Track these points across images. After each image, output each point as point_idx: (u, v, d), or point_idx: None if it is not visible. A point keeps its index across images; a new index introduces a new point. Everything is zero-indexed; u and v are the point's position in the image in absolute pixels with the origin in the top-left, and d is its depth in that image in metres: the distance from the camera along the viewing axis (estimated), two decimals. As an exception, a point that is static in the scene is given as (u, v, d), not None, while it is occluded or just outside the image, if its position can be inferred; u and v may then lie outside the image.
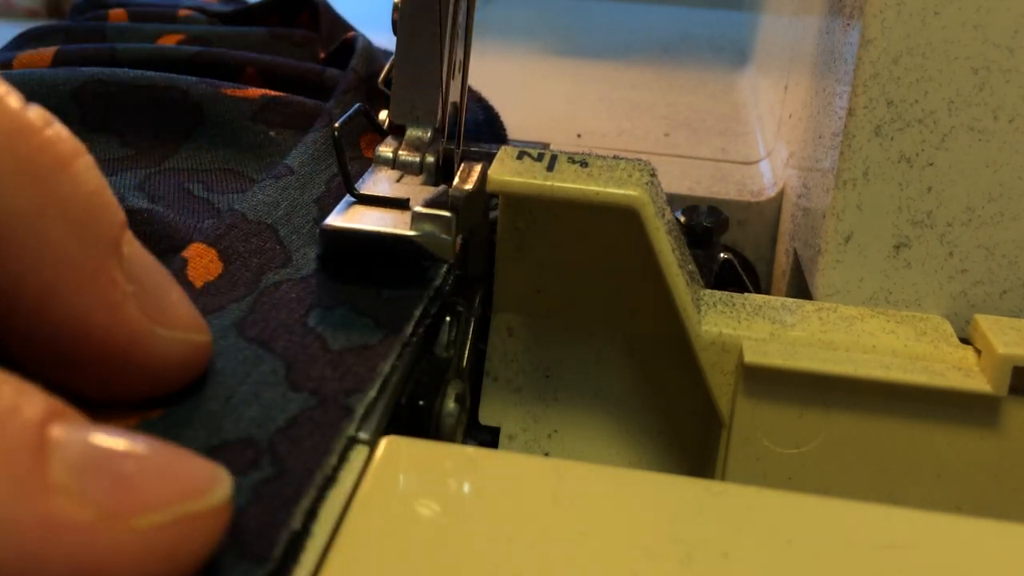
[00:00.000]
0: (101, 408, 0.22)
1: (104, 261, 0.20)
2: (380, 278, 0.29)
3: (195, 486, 0.18)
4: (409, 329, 0.27)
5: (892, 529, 0.22)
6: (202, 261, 0.28)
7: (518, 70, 0.59)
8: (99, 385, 0.21)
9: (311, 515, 0.21)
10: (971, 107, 0.31)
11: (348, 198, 0.31)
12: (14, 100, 0.20)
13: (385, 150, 0.34)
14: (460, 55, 0.35)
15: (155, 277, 0.22)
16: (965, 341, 0.32)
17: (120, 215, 0.21)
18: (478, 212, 0.33)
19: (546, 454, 0.35)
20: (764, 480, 0.31)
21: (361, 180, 0.32)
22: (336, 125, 0.31)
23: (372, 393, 0.24)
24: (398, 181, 0.33)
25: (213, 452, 0.22)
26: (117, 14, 0.47)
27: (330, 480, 0.22)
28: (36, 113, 0.20)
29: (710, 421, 0.34)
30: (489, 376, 0.36)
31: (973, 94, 0.31)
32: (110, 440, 0.18)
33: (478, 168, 0.32)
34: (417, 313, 0.27)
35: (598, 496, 0.23)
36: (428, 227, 0.29)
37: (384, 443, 0.24)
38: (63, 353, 0.20)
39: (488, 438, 0.36)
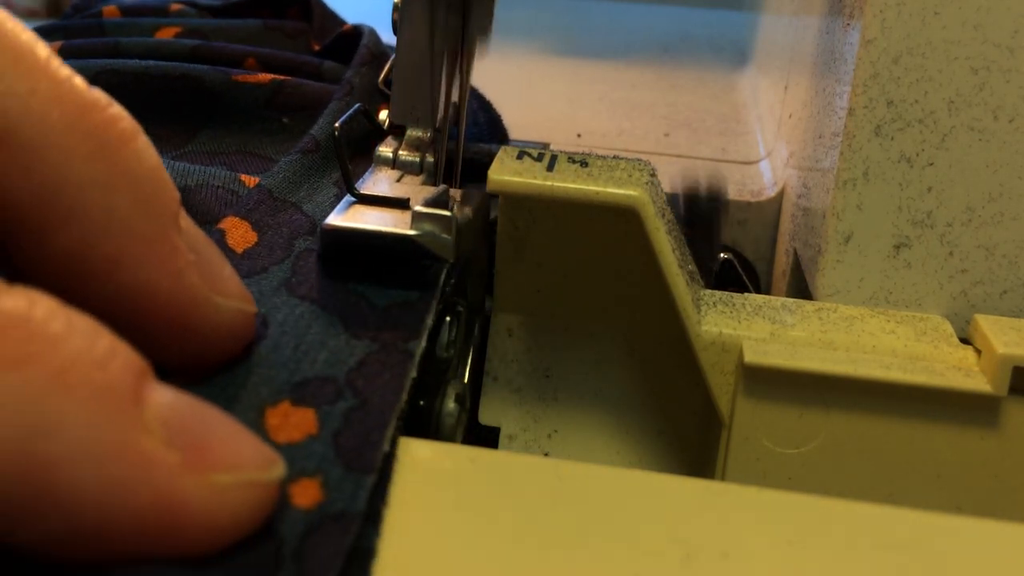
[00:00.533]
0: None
1: (167, 231, 0.22)
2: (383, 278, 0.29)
3: (262, 460, 0.20)
4: (440, 282, 0.28)
5: (892, 529, 0.22)
6: (238, 231, 0.30)
7: (518, 70, 0.59)
8: (159, 351, 0.22)
9: (394, 443, 0.23)
10: (971, 107, 0.31)
11: (348, 198, 0.31)
12: (79, 80, 0.21)
13: (385, 150, 0.34)
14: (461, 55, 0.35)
15: (210, 249, 0.24)
16: (965, 341, 0.32)
17: (176, 192, 0.22)
18: (477, 240, 0.33)
19: (546, 454, 0.35)
20: (764, 480, 0.31)
21: (361, 180, 0.32)
22: (336, 125, 0.31)
23: (422, 342, 0.26)
24: (398, 181, 0.33)
25: (298, 387, 0.24)
26: (110, 11, 0.47)
27: (404, 414, 0.24)
28: (99, 92, 0.21)
29: (710, 421, 0.33)
30: (489, 376, 0.36)
31: (973, 94, 0.31)
32: (195, 406, 0.20)
33: (478, 196, 0.32)
34: (442, 277, 0.29)
35: (598, 496, 0.23)
36: (428, 226, 0.29)
37: (384, 443, 0.24)
38: (129, 318, 0.21)
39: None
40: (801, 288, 0.37)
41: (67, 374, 0.17)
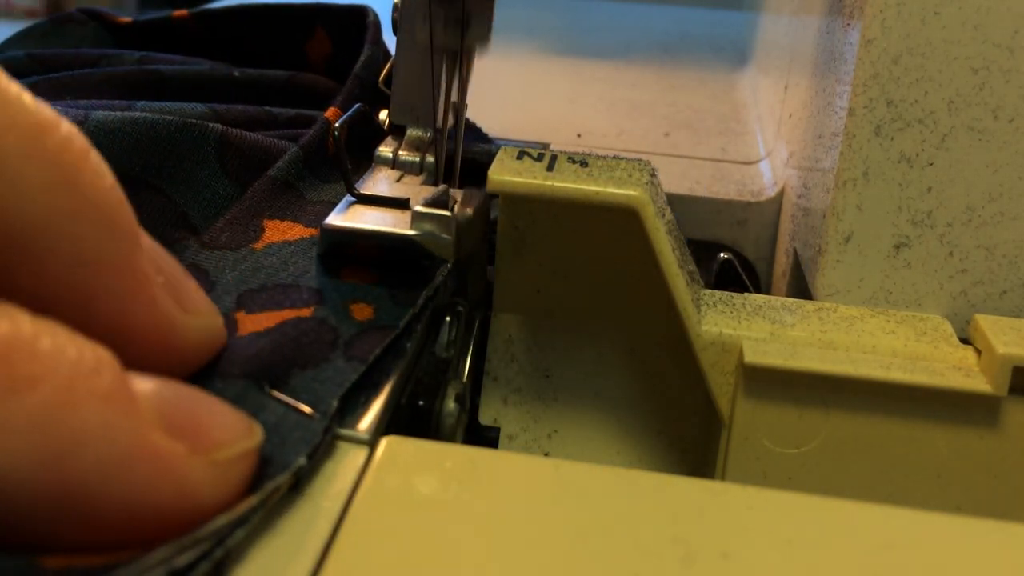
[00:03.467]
0: None
1: (135, 256, 0.20)
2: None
3: (246, 428, 0.21)
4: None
5: (892, 529, 0.22)
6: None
7: (518, 70, 0.59)
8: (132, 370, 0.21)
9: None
10: (971, 107, 0.31)
11: (348, 198, 0.31)
12: (28, 97, 0.19)
13: (385, 150, 0.34)
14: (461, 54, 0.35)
15: (172, 265, 0.23)
16: (965, 341, 0.32)
17: (130, 208, 0.21)
18: (477, 241, 0.33)
19: (546, 454, 0.35)
20: (764, 480, 0.31)
21: (361, 180, 0.32)
22: (336, 125, 0.31)
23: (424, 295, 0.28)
24: (398, 181, 0.33)
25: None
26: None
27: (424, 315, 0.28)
28: (47, 108, 0.19)
29: (710, 421, 0.33)
30: (489, 376, 0.36)
31: (973, 94, 0.31)
32: (175, 388, 0.20)
33: (479, 196, 0.32)
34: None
35: (598, 496, 0.23)
36: (428, 226, 0.29)
37: (384, 443, 0.24)
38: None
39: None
40: (801, 288, 0.37)
41: (74, 388, 0.17)
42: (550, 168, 0.32)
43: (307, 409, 0.23)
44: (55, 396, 0.16)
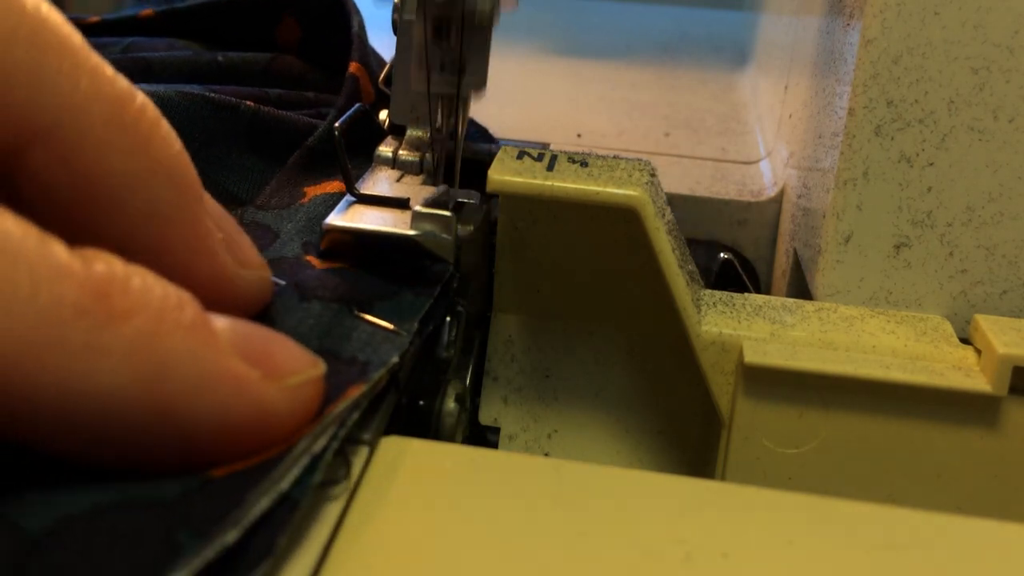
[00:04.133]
0: None
1: (200, 214, 0.23)
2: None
3: (311, 360, 0.23)
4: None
5: (892, 529, 0.22)
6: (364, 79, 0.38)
7: (518, 70, 0.59)
8: None
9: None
10: (971, 107, 0.31)
11: (348, 197, 0.31)
12: (110, 70, 0.21)
13: (385, 150, 0.34)
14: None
15: (229, 222, 0.25)
16: (965, 341, 0.32)
17: (195, 171, 0.23)
18: (478, 256, 0.33)
19: (546, 454, 0.35)
20: (764, 480, 0.31)
21: (361, 180, 0.32)
22: (336, 125, 0.31)
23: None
24: (398, 181, 0.33)
25: None
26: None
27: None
28: (125, 81, 0.22)
29: (710, 421, 0.34)
30: (489, 376, 0.36)
31: (973, 94, 0.31)
32: (246, 325, 0.22)
33: (479, 212, 0.33)
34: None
35: (598, 496, 0.23)
36: (428, 226, 0.29)
37: (384, 443, 0.24)
38: None
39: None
40: (801, 288, 0.37)
41: (162, 320, 0.19)
42: (550, 168, 0.32)
43: (393, 327, 0.26)
44: (146, 326, 0.19)
